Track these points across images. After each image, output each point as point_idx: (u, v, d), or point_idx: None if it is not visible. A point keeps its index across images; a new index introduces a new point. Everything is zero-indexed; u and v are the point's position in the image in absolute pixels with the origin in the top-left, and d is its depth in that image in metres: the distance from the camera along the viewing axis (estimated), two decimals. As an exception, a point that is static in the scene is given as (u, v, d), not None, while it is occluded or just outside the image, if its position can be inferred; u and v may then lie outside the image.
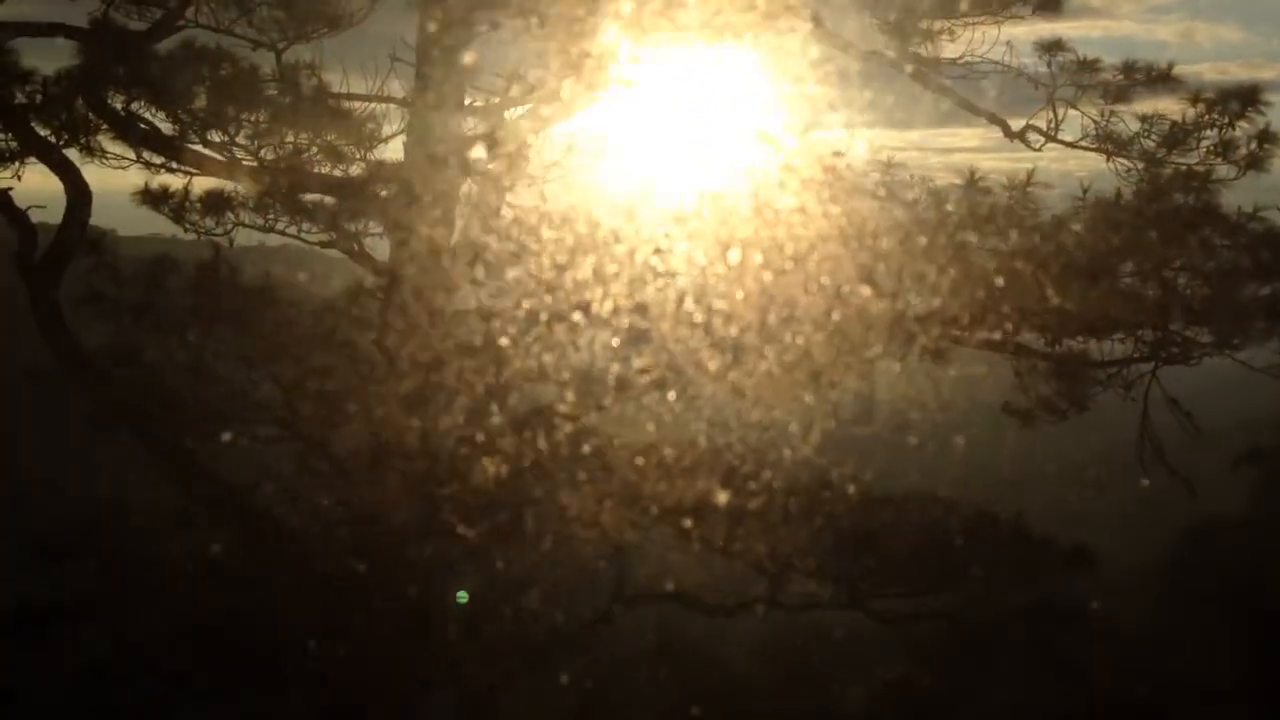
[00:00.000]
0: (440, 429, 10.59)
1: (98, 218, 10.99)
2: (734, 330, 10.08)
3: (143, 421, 10.47)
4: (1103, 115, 10.09)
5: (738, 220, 9.94)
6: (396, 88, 9.88)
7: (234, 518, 10.72)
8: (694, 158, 10.43)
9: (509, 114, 9.35)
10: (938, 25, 10.52)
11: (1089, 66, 10.15)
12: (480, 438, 10.86)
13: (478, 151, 9.17)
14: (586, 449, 11.57)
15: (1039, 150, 10.40)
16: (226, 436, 10.28)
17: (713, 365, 10.67)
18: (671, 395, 11.30)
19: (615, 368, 11.11)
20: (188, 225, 10.60)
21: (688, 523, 12.59)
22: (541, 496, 11.65)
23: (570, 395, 11.01)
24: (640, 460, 11.95)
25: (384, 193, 10.11)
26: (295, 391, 10.18)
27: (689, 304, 9.89)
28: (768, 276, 9.76)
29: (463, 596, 11.21)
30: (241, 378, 10.18)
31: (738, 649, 23.65)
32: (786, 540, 12.59)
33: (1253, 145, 9.89)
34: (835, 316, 9.95)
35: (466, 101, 9.47)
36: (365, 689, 10.81)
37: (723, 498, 12.72)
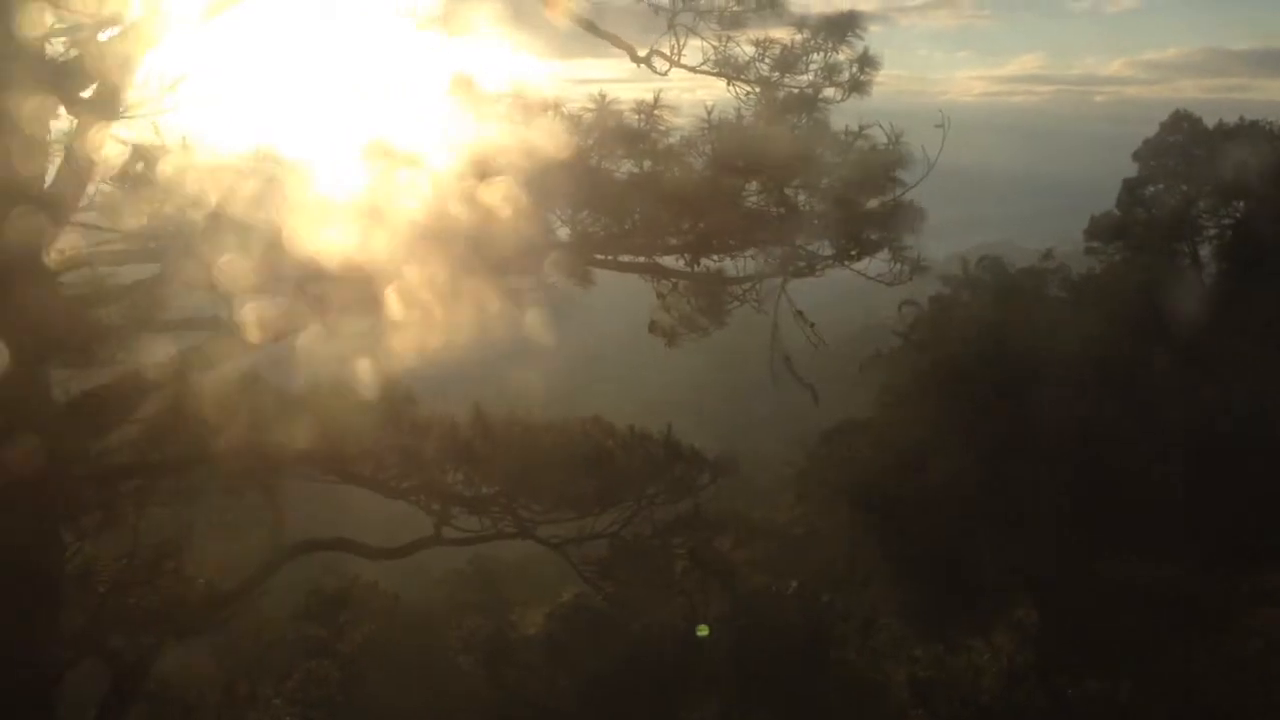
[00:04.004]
0: (58, 387, 9.70)
1: None
2: (378, 265, 9.79)
3: None
4: (720, 41, 10.44)
5: (372, 152, 9.63)
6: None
7: None
8: (319, 85, 9.95)
9: (102, 36, 8.44)
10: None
11: (704, -7, 10.44)
12: (110, 393, 10.10)
13: (67, 80, 8.26)
14: (233, 397, 11.02)
15: (665, 75, 10.62)
16: None
17: (358, 301, 10.35)
18: (318, 336, 10.91)
19: (252, 312, 10.55)
20: None
21: (348, 468, 12.31)
22: (189, 449, 11.01)
23: (206, 344, 10.41)
24: (292, 405, 11.52)
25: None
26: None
27: (329, 240, 9.51)
28: (409, 208, 9.53)
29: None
30: None
31: (413, 587, 23.66)
32: (450, 478, 12.55)
33: (854, 69, 10.56)
34: (481, 245, 9.86)
35: (49, 23, 8.45)
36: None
37: (381, 440, 12.51)
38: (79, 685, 11.61)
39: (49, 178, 8.95)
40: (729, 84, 10.64)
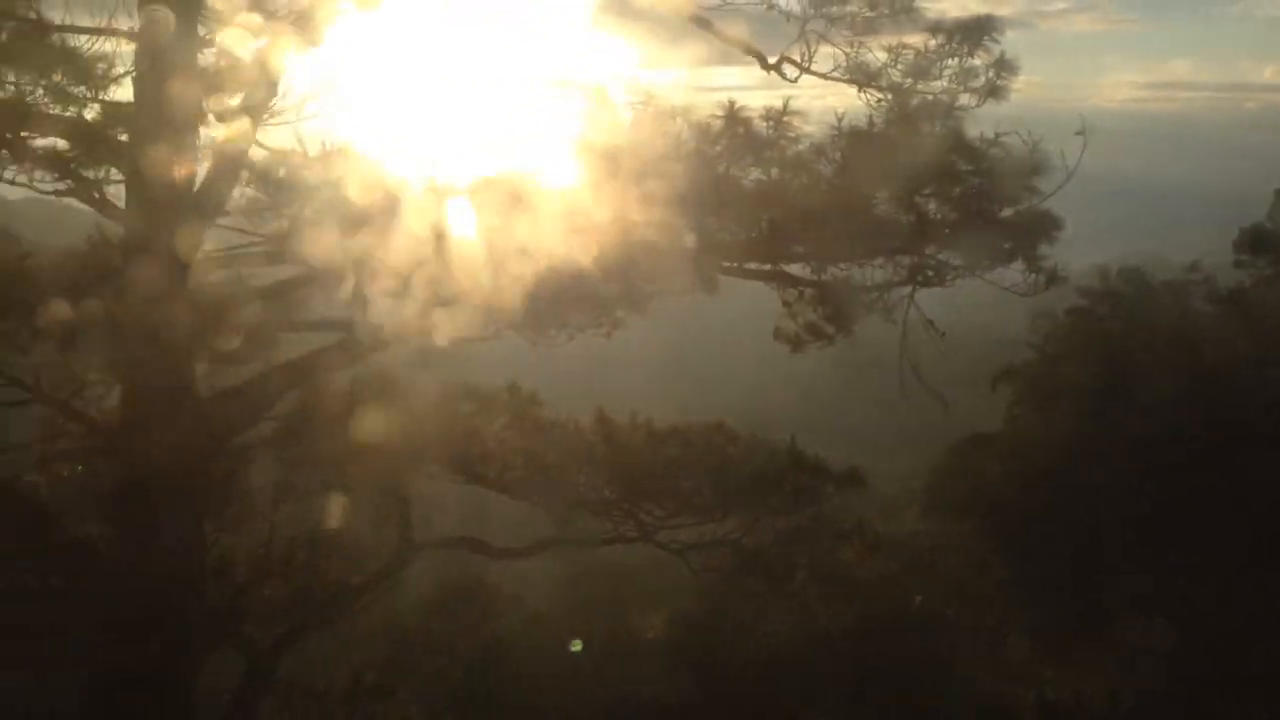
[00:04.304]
0: (201, 382, 10.10)
1: None
2: (510, 269, 9.95)
3: None
4: (852, 47, 10.35)
5: (505, 159, 9.79)
6: (125, 23, 9.15)
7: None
8: (455, 94, 10.15)
9: (250, 46, 8.80)
10: (691, -45, 10.49)
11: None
12: (249, 390, 10.47)
13: (216, 88, 8.62)
14: (364, 396, 11.33)
15: (794, 82, 10.56)
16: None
17: (487, 305, 10.53)
18: (450, 338, 11.14)
19: (387, 312, 10.82)
20: (-102, 175, 9.60)
21: (475, 468, 12.54)
22: (322, 446, 11.36)
23: (342, 342, 10.72)
24: (421, 405, 11.79)
25: (122, 136, 9.42)
26: (35, 350, 9.47)
27: (462, 246, 9.71)
28: (540, 215, 9.67)
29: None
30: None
31: (535, 588, 23.90)
32: (573, 480, 12.69)
33: (990, 74, 10.34)
34: (610, 253, 9.95)
35: (202, 33, 8.86)
36: (140, 653, 10.31)
37: (506, 441, 12.72)
38: (216, 671, 12.05)
39: (198, 181, 9.35)
40: (860, 90, 10.53)
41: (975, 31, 10.28)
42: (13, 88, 9.11)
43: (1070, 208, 10.66)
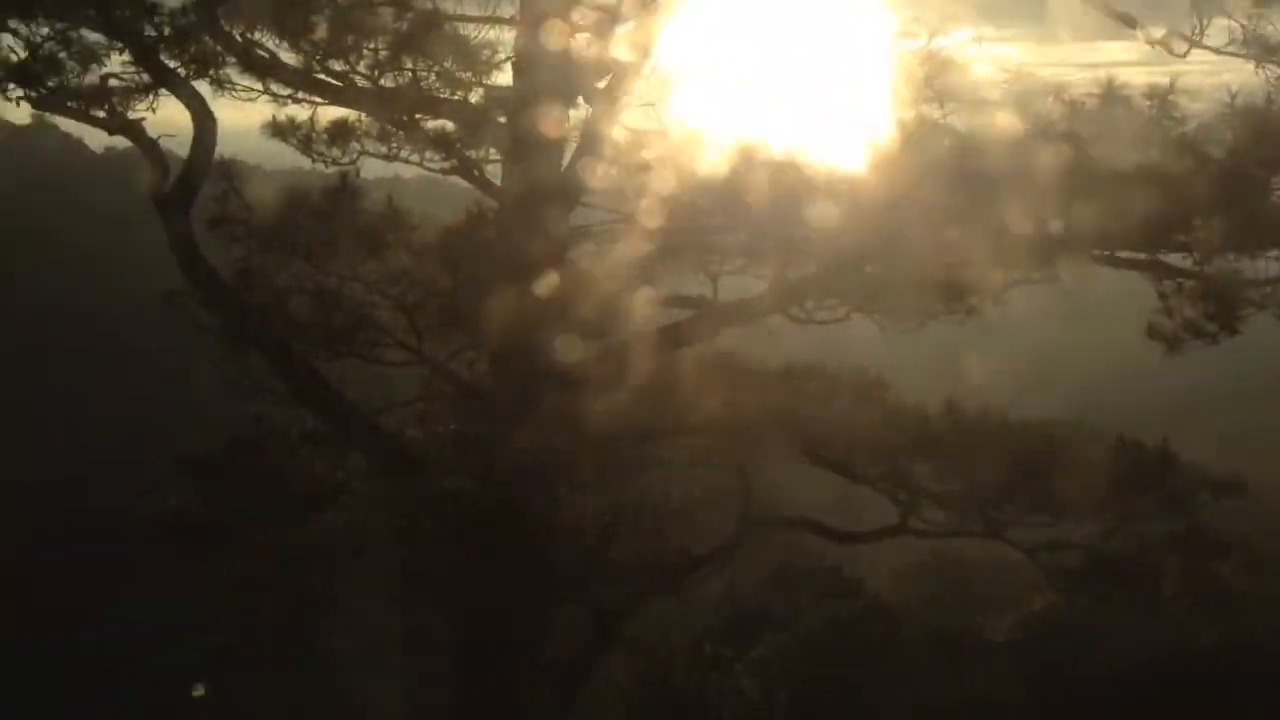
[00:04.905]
0: (561, 352, 10.67)
1: (247, 154, 11.44)
2: (866, 250, 9.88)
3: (272, 344, 10.80)
4: (1251, 20, 9.41)
5: (867, 137, 9.67)
6: (507, 11, 9.82)
7: (363, 439, 11.01)
8: (818, 72, 10.12)
9: (618, 31, 9.18)
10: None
11: (1236, -35, 9.46)
12: (603, 360, 10.97)
13: (585, 73, 9.06)
14: (712, 372, 11.57)
15: (1183, 57, 9.75)
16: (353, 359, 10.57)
17: (844, 286, 10.49)
18: (799, 318, 11.19)
19: (739, 290, 11.01)
20: (315, 155, 10.81)
21: (818, 449, 12.52)
22: (668, 419, 11.71)
23: (695, 318, 11.01)
24: (769, 384, 11.89)
25: (501, 119, 10.10)
26: (418, 315, 10.37)
27: (817, 226, 9.71)
28: (900, 195, 9.50)
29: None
30: (366, 302, 10.39)
31: (875, 575, 23.53)
32: (919, 469, 12.40)
33: None
34: (971, 235, 9.65)
35: (574, 18, 9.32)
36: (496, 605, 11.07)
37: (854, 423, 12.59)
38: (566, 625, 12.73)
39: (566, 161, 9.89)
40: (1258, 67, 9.57)
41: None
42: (410, 74, 9.97)
43: None
